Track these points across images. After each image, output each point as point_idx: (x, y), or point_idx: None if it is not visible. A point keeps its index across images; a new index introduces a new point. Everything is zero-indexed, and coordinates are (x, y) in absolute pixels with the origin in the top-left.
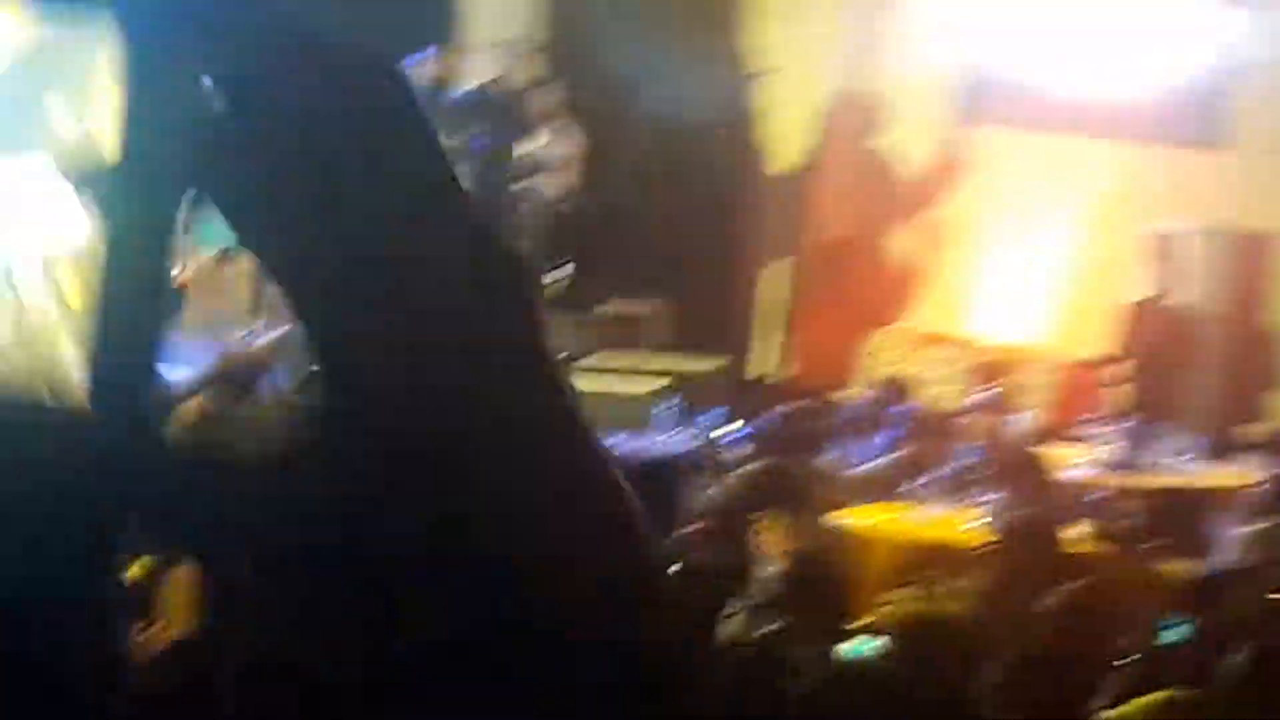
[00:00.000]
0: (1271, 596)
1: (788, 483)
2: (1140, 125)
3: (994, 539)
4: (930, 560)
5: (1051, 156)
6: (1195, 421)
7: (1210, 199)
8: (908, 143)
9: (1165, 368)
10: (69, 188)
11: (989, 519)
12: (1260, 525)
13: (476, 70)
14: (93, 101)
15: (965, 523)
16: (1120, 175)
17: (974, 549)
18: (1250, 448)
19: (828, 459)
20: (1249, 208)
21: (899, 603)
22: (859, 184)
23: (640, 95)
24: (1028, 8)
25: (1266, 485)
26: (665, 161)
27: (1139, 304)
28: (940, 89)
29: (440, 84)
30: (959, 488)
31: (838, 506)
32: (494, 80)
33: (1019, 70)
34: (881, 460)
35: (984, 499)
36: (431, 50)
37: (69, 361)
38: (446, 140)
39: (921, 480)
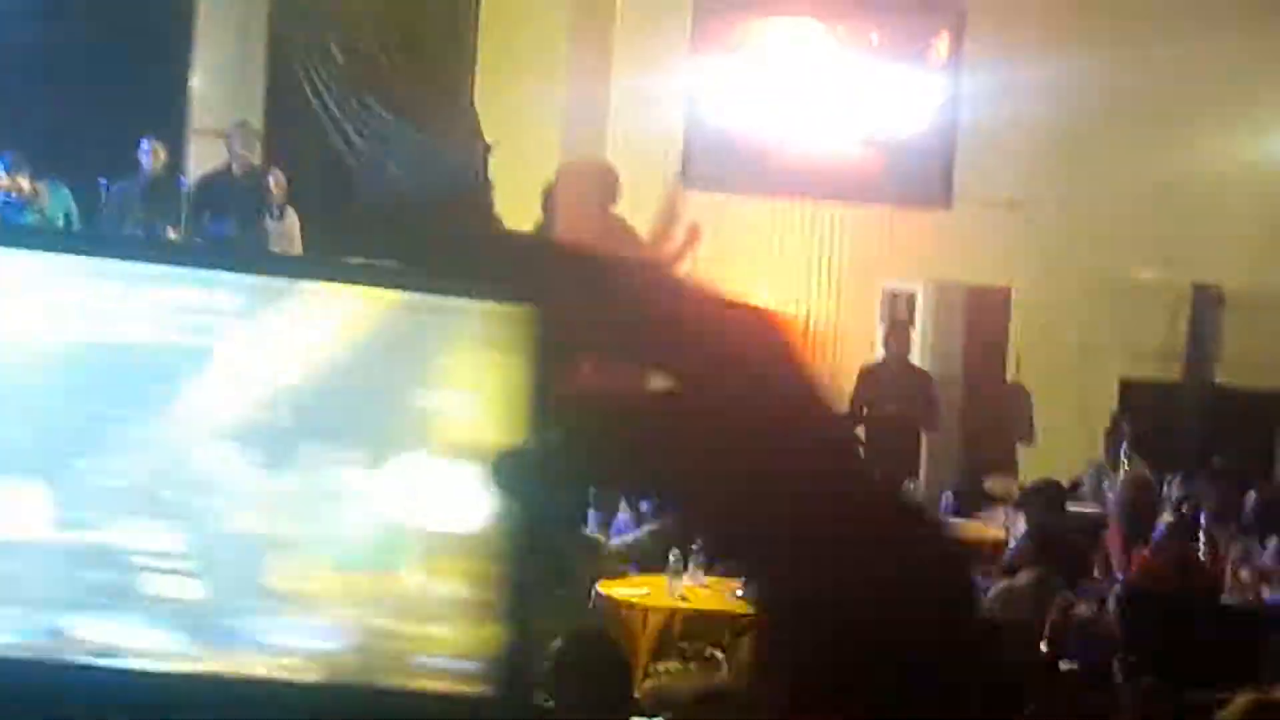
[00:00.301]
0: (1032, 650)
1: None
2: (864, 186)
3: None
4: (697, 630)
5: (777, 219)
6: (939, 477)
7: (936, 256)
8: (636, 211)
9: (904, 425)
10: (454, 474)
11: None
12: (1018, 579)
13: (202, 156)
14: (462, 384)
15: (731, 592)
16: (847, 236)
17: (741, 618)
18: (995, 501)
19: (586, 532)
20: (973, 264)
21: (669, 676)
22: None
23: (364, 174)
24: (751, 74)
25: (1021, 538)
26: (392, 240)
27: (875, 363)
28: (666, 156)
29: (167, 170)
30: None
31: (604, 578)
32: (226, 165)
33: (743, 135)
34: (639, 532)
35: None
36: (149, 140)
37: (434, 645)
38: (184, 224)
39: (678, 551)
